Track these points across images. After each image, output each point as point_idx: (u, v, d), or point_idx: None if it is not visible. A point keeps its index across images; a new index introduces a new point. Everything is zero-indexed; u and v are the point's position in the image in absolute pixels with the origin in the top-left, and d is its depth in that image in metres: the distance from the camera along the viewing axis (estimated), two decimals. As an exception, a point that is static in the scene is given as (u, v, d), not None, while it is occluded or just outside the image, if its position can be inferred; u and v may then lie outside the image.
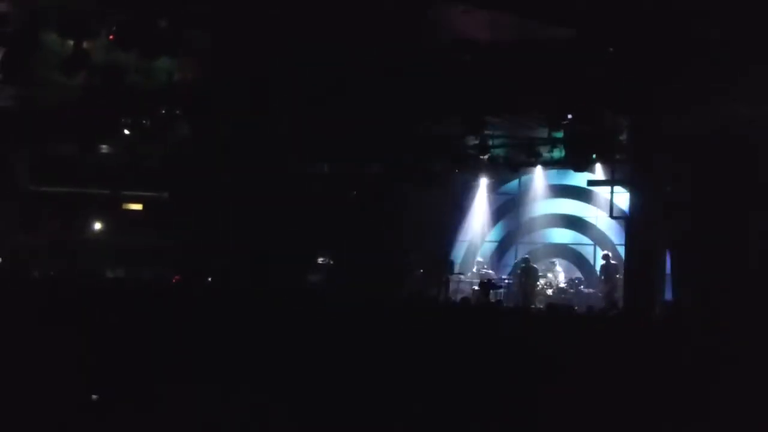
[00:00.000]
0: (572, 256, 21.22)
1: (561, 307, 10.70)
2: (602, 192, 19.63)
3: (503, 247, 22.48)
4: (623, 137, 16.46)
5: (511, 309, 13.66)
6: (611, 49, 12.52)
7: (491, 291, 18.42)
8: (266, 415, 5.34)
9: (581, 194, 20.78)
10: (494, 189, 22.47)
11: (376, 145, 18.31)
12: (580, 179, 19.93)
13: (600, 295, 18.68)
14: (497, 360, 6.85)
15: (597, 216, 20.66)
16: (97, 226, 22.50)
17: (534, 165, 20.50)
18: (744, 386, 6.31)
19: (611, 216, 18.15)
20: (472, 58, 12.63)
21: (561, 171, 20.74)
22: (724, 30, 11.37)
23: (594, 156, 17.44)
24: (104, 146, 20.16)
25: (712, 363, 6.66)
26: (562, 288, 19.87)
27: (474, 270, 21.45)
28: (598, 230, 20.71)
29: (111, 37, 11.80)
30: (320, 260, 21.50)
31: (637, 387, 6.45)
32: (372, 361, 6.38)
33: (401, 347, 6.87)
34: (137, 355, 6.40)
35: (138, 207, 23.64)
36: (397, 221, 21.73)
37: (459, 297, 17.24)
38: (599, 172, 19.12)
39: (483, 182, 22.25)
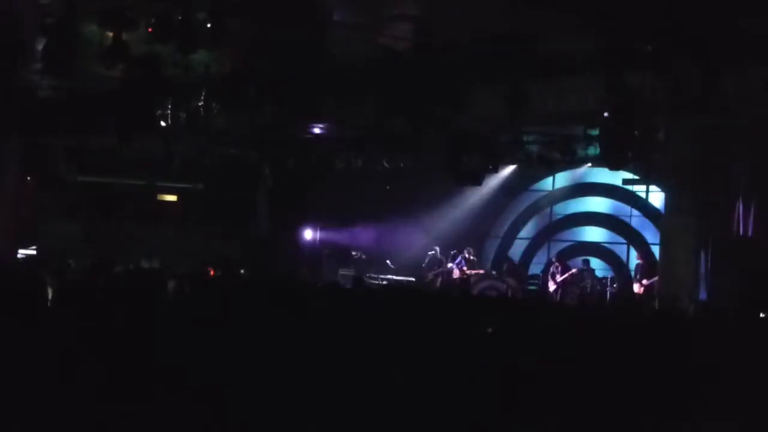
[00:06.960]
0: (606, 254, 21.09)
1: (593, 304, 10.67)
2: (637, 190, 19.49)
3: (536, 244, 22.40)
4: (659, 135, 16.32)
5: (542, 304, 13.65)
6: (649, 47, 12.46)
7: None
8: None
9: (616, 192, 20.64)
10: (528, 186, 22.38)
11: (410, 140, 18.31)
12: (615, 177, 19.80)
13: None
14: (528, 354, 6.85)
15: (631, 215, 20.52)
16: (133, 216, 22.75)
17: (568, 162, 20.39)
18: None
19: (646, 215, 18.02)
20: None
21: (596, 169, 20.61)
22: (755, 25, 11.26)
23: (630, 154, 17.31)
24: (141, 138, 20.35)
25: (745, 364, 6.61)
26: (595, 286, 19.75)
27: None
28: (633, 229, 20.56)
29: (150, 29, 11.91)
30: (354, 254, 21.58)
31: (668, 385, 6.42)
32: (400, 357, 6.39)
33: (419, 340, 6.88)
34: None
35: (173, 198, 23.89)
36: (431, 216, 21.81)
37: None
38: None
39: (517, 179, 22.17)
